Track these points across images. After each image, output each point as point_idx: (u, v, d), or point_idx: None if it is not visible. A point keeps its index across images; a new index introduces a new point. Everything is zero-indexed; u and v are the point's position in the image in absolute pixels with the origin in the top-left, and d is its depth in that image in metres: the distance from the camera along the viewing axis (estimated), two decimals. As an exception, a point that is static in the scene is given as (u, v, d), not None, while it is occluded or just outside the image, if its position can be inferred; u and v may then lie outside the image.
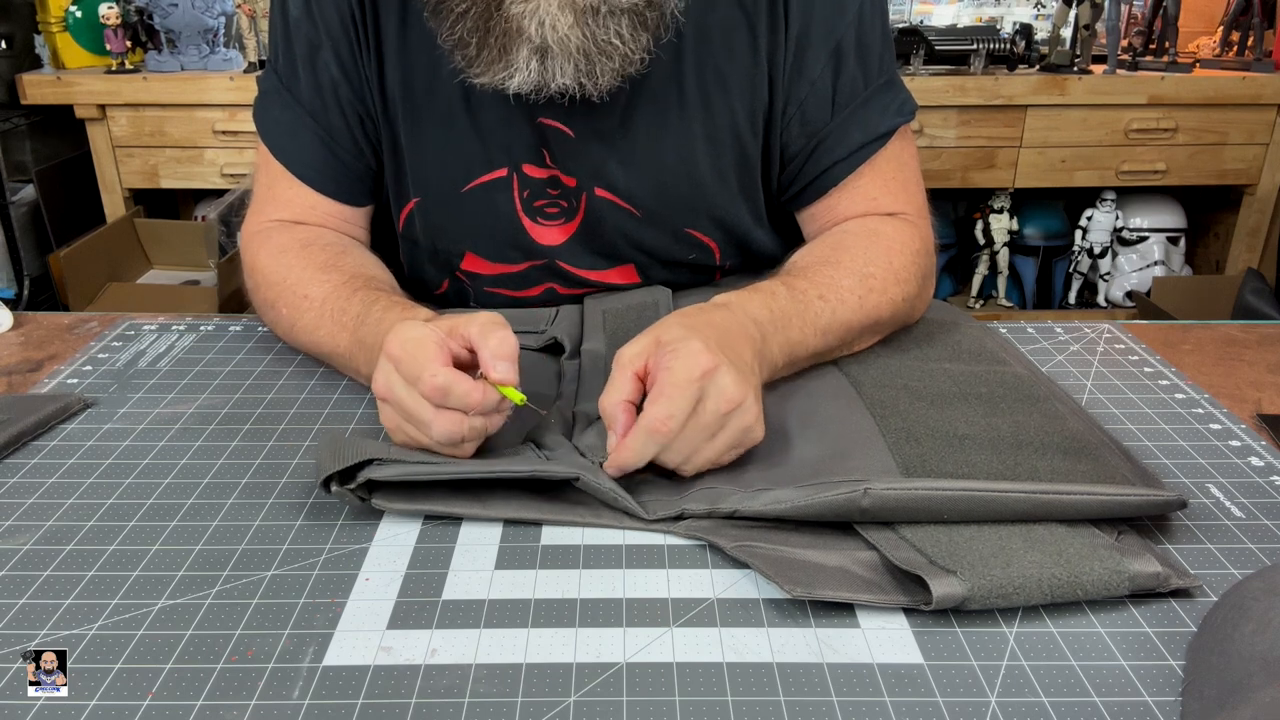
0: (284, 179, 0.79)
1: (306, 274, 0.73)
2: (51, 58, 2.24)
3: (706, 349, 0.55)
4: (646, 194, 0.77)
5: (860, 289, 0.70)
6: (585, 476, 0.54)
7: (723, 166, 0.78)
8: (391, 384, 0.56)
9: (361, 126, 0.78)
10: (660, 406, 0.54)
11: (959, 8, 2.65)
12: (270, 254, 0.76)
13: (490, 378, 0.55)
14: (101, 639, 0.46)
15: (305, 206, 0.79)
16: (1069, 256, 2.45)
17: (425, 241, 0.81)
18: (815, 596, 0.47)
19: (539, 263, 0.81)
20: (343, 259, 0.74)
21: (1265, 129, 2.23)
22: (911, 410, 0.62)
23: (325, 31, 0.76)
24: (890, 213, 0.78)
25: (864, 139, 0.77)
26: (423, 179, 0.79)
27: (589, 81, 0.67)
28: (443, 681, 0.44)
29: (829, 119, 0.77)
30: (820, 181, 0.78)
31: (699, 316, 0.61)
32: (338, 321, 0.69)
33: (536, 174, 0.77)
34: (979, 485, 0.51)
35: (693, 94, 0.75)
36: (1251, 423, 0.67)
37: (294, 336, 0.74)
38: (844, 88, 0.76)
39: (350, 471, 0.54)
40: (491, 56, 0.67)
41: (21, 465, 0.61)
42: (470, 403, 0.54)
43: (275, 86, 0.79)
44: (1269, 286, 2.09)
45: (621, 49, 0.66)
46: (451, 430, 0.54)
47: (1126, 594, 0.48)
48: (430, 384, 0.54)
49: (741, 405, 0.55)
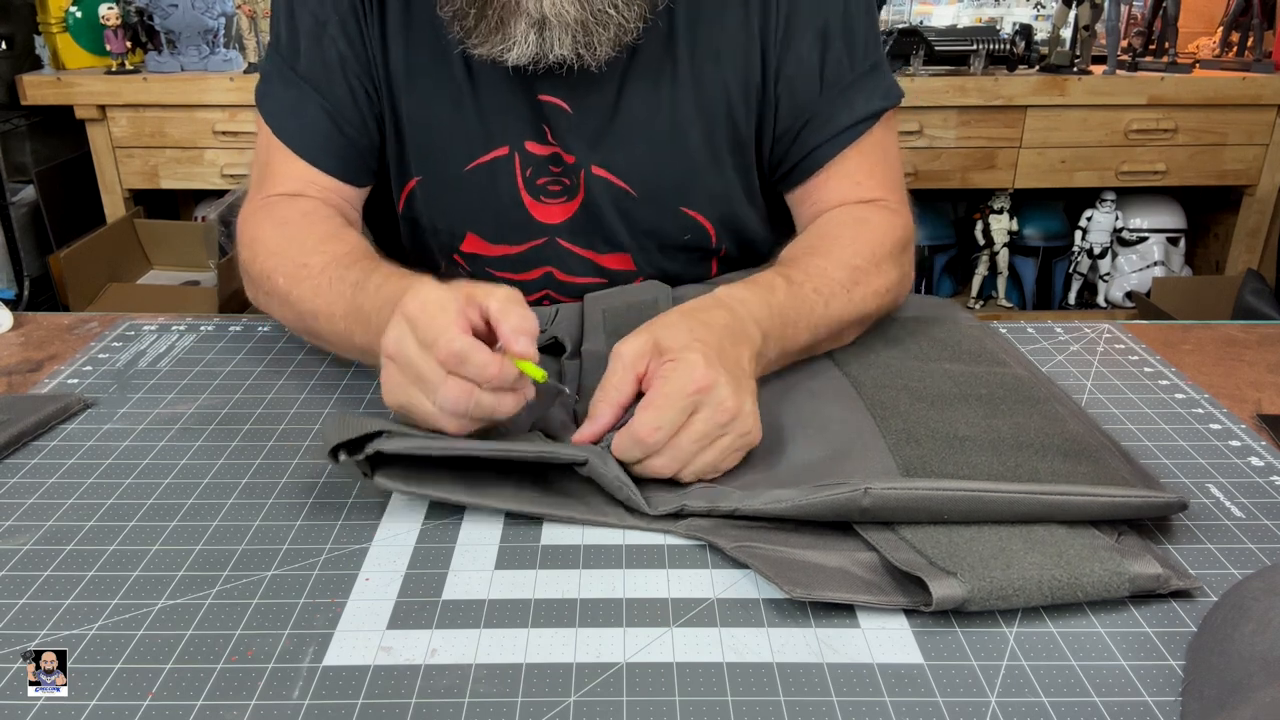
0: (283, 157, 0.78)
1: (309, 242, 0.71)
2: (51, 58, 2.24)
3: (704, 362, 0.55)
4: (640, 169, 0.78)
5: (848, 282, 0.70)
6: (593, 461, 0.54)
7: (715, 141, 0.79)
8: (404, 343, 0.53)
9: (368, 100, 0.79)
10: (650, 416, 0.54)
11: (959, 8, 2.65)
12: (272, 224, 0.75)
13: (511, 351, 0.53)
14: (101, 639, 0.46)
15: (304, 181, 0.78)
16: (1069, 257, 2.45)
17: (426, 222, 0.82)
18: (815, 598, 0.47)
19: (539, 242, 0.82)
20: (345, 231, 0.73)
21: (1265, 129, 2.23)
22: (912, 411, 0.62)
23: (332, 6, 0.76)
24: (873, 199, 0.79)
25: (850, 120, 0.78)
26: (425, 158, 0.79)
27: (586, 52, 0.68)
28: (443, 681, 0.44)
29: (816, 98, 0.78)
30: (807, 162, 0.79)
31: (700, 317, 0.61)
32: (335, 290, 0.66)
33: (539, 151, 0.78)
34: (980, 485, 0.51)
35: (685, 67, 0.76)
36: (1251, 423, 0.67)
37: (290, 306, 0.70)
38: (830, 68, 0.78)
39: (358, 445, 0.53)
40: (489, 28, 0.68)
41: (21, 465, 0.61)
42: (487, 374, 0.52)
43: (278, 66, 0.79)
44: (1269, 287, 2.09)
45: (616, 17, 0.68)
46: (458, 398, 0.52)
47: (1126, 595, 0.48)
48: (448, 348, 0.51)
49: (739, 415, 0.56)
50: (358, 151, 0.80)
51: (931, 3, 2.66)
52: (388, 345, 0.54)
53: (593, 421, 0.57)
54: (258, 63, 2.21)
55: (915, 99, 2.14)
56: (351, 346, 0.66)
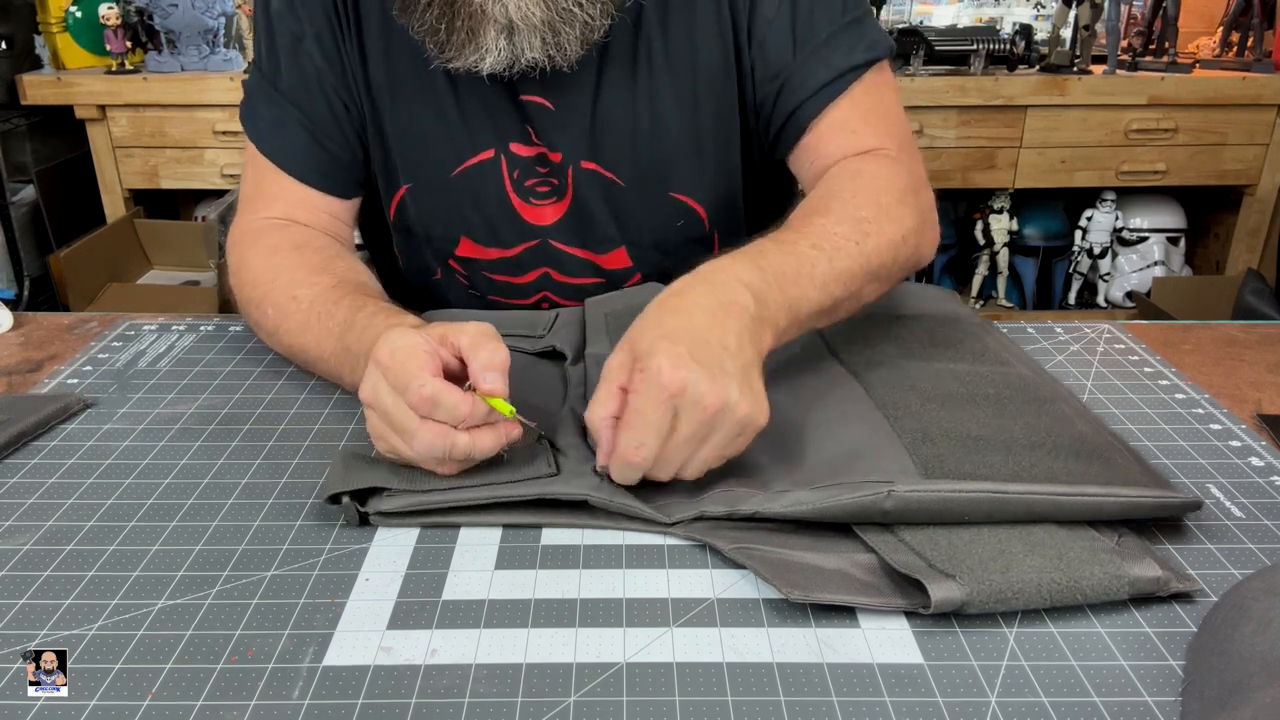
0: (271, 175, 0.79)
1: (298, 275, 0.72)
2: (51, 58, 2.24)
3: (670, 365, 0.51)
4: (625, 160, 0.78)
5: (856, 234, 0.66)
6: (595, 497, 0.54)
7: (698, 123, 0.78)
8: (379, 392, 0.54)
9: (347, 114, 0.79)
10: (628, 436, 0.52)
11: (959, 8, 2.66)
12: (260, 254, 0.75)
13: (480, 389, 0.53)
14: (101, 639, 0.46)
15: (294, 201, 0.79)
16: (1069, 257, 2.45)
17: (419, 229, 0.82)
18: (813, 600, 0.47)
19: (533, 244, 0.82)
20: (335, 263, 0.74)
21: (1265, 129, 2.23)
22: (923, 411, 0.61)
23: (308, 21, 0.76)
24: (871, 148, 0.76)
25: (829, 76, 0.76)
26: (411, 165, 0.79)
27: (556, 53, 0.69)
28: (443, 681, 0.44)
29: (791, 58, 0.76)
30: (791, 124, 0.78)
31: (671, 304, 0.57)
32: (323, 326, 0.67)
33: (524, 152, 0.78)
34: (1002, 487, 0.51)
35: (659, 54, 0.76)
36: (1251, 423, 0.67)
37: (279, 339, 0.72)
38: (801, 27, 0.76)
39: (360, 496, 0.55)
40: (461, 40, 0.68)
41: (21, 465, 0.61)
42: (459, 415, 0.52)
43: (259, 84, 0.80)
44: (1269, 286, 2.09)
45: (581, 15, 0.68)
46: (434, 443, 0.52)
47: (1126, 598, 0.48)
48: (418, 394, 0.52)
49: (724, 405, 0.52)
50: (342, 166, 0.80)
51: (931, 3, 2.66)
52: (364, 394, 0.55)
53: (600, 445, 0.55)
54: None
55: (915, 99, 2.14)
56: (341, 381, 0.68)
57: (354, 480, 0.55)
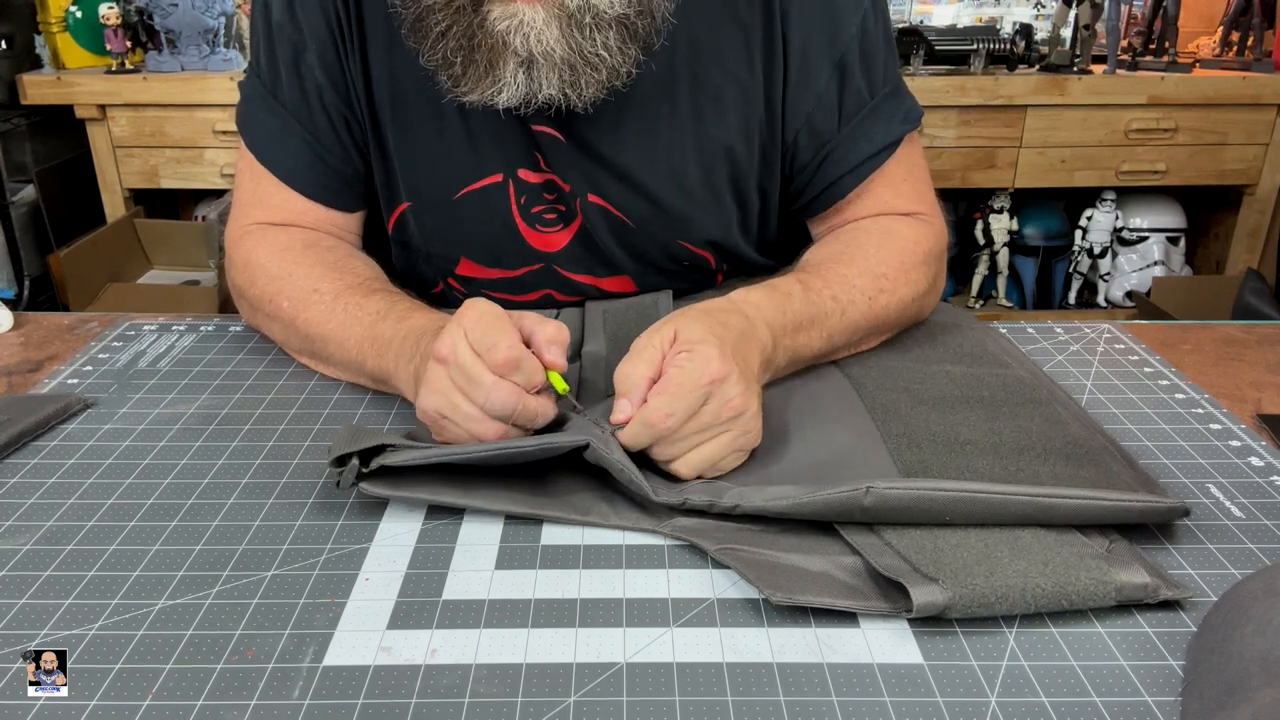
0: (270, 183, 0.78)
1: (316, 270, 0.72)
2: (51, 58, 2.24)
3: (721, 356, 0.56)
4: (637, 205, 0.77)
5: (871, 289, 0.70)
6: (595, 445, 0.54)
7: (714, 180, 0.77)
8: (458, 348, 0.56)
9: (348, 130, 0.78)
10: (664, 402, 0.55)
11: (959, 8, 2.65)
12: (270, 250, 0.75)
13: (543, 359, 0.57)
14: (101, 639, 0.46)
15: (295, 212, 0.78)
16: (1069, 256, 2.45)
17: (419, 245, 0.81)
18: (795, 602, 0.47)
19: (536, 267, 0.80)
20: (351, 262, 0.75)
21: (1265, 129, 2.23)
22: (913, 414, 0.62)
23: (309, 34, 0.75)
24: (905, 213, 0.78)
25: (872, 149, 0.77)
26: (414, 184, 0.78)
27: (572, 92, 0.67)
28: (443, 681, 0.44)
29: (836, 130, 0.77)
30: (829, 193, 0.79)
31: (718, 317, 0.61)
32: (352, 315, 0.69)
33: (532, 179, 0.77)
34: (980, 487, 0.51)
35: (684, 106, 0.75)
36: (1251, 423, 0.67)
37: (295, 328, 0.72)
38: (850, 99, 0.76)
39: (364, 457, 0.54)
40: (478, 73, 0.66)
41: (21, 465, 0.61)
42: (535, 381, 0.56)
43: (259, 91, 0.78)
44: (1269, 286, 2.09)
45: (609, 60, 0.66)
46: (507, 400, 0.55)
47: (1113, 604, 0.47)
48: (506, 355, 0.55)
49: (744, 414, 0.56)
50: (343, 181, 0.79)
51: (931, 2, 2.66)
52: (441, 349, 0.57)
53: (629, 400, 0.57)
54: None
55: (916, 98, 2.14)
56: (359, 370, 0.69)
57: (362, 441, 0.55)
